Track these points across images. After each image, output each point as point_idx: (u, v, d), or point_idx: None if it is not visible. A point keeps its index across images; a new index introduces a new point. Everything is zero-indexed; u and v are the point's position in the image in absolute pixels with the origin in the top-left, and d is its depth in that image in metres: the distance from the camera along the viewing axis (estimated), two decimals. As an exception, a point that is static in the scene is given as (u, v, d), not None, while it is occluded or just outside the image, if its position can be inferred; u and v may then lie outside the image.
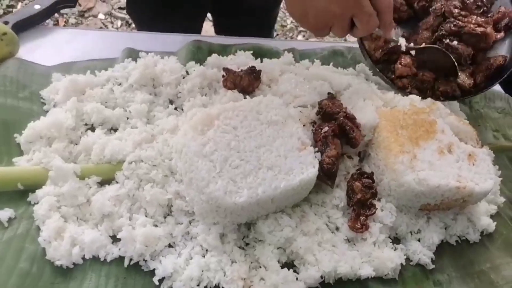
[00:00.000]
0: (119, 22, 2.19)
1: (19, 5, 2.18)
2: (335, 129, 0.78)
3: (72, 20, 2.15)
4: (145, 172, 0.72)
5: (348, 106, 0.85)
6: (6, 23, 0.87)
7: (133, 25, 2.18)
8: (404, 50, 0.89)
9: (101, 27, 2.18)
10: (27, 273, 0.62)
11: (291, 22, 2.55)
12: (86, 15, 2.18)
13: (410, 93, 0.92)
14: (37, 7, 0.92)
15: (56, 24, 2.09)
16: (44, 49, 0.91)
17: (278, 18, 2.01)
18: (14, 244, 0.64)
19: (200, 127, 0.69)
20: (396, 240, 0.80)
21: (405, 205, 0.79)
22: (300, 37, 2.49)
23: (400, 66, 0.93)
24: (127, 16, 2.22)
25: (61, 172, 0.67)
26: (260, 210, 0.69)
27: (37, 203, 0.67)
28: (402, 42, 0.90)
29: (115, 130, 0.80)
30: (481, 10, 0.91)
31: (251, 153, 0.69)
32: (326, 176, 0.76)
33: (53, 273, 0.63)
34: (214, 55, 0.97)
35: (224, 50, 1.02)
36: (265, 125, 0.73)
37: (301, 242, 0.70)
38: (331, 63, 1.04)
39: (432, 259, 0.78)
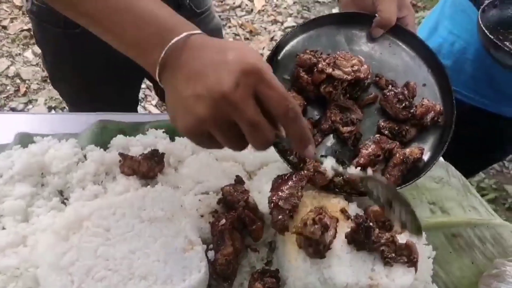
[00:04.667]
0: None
1: None
2: (234, 222, 0.70)
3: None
4: (2, 285, 0.61)
5: (255, 191, 0.78)
6: None
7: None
8: (330, 177, 0.73)
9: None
10: None
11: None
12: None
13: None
14: None
15: None
16: None
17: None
18: None
19: (64, 231, 0.60)
20: None
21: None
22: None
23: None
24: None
25: None
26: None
27: None
28: (328, 164, 0.69)
29: (-13, 230, 0.70)
30: (403, 105, 0.77)
31: (122, 260, 0.60)
32: (221, 278, 0.66)
33: None
34: (120, 136, 0.90)
35: (135, 129, 0.95)
36: (146, 223, 0.65)
37: None
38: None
39: None
